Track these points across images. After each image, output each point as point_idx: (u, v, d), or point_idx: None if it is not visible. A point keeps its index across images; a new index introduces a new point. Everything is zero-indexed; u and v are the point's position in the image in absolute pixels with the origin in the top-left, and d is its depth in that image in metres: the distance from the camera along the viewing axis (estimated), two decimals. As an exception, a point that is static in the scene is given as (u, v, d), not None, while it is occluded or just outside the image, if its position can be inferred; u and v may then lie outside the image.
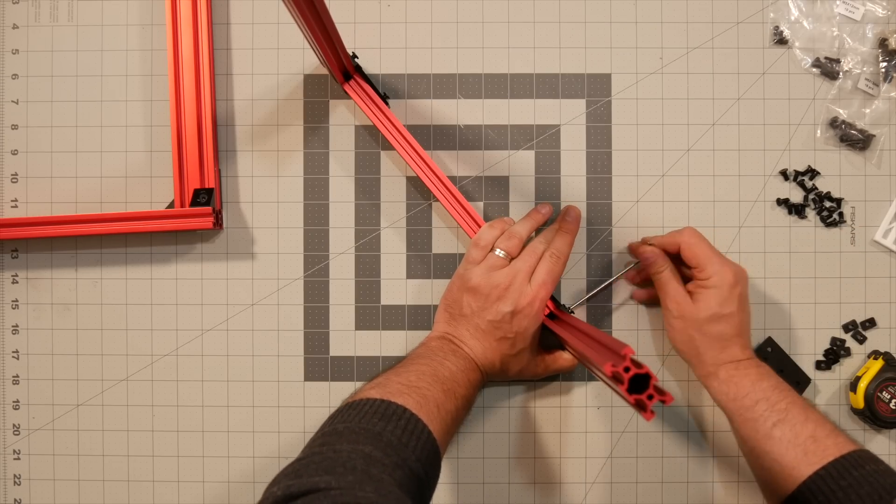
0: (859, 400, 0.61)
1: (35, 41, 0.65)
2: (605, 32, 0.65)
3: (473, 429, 0.64)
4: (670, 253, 0.59)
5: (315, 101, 0.65)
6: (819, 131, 0.64)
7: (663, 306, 0.59)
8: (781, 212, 0.64)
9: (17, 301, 0.65)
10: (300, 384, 0.65)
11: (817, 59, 0.64)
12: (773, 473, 0.51)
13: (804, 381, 0.63)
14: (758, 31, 0.65)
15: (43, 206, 0.65)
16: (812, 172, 0.64)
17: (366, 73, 0.63)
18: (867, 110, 0.64)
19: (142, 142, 0.65)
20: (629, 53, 0.65)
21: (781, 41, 0.65)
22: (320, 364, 0.65)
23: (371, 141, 0.65)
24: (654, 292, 0.60)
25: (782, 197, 0.64)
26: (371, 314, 0.65)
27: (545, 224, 0.62)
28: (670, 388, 0.64)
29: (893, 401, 0.60)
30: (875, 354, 0.63)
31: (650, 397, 0.44)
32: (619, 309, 0.65)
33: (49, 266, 0.65)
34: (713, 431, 0.64)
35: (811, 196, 0.64)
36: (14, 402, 0.65)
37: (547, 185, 0.65)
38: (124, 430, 0.65)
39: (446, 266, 0.65)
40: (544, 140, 0.65)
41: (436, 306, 0.64)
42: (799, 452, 0.50)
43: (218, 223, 0.63)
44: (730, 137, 0.65)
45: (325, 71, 0.65)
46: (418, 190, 0.65)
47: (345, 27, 0.64)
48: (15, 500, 0.65)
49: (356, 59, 0.63)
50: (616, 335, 0.64)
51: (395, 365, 0.56)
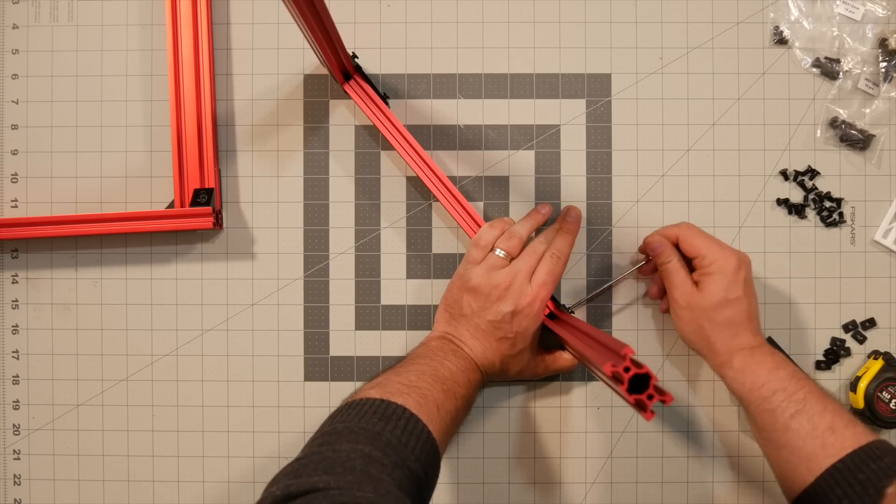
0: (859, 400, 0.61)
1: (35, 41, 0.65)
2: (605, 32, 0.65)
3: (473, 429, 0.64)
4: None
5: (315, 101, 0.65)
6: (819, 131, 0.64)
7: (670, 298, 0.58)
8: (781, 212, 0.64)
9: (17, 301, 0.65)
10: (300, 384, 0.65)
11: (817, 59, 0.64)
12: (791, 465, 0.51)
13: (804, 381, 0.63)
14: (758, 31, 0.65)
15: (43, 206, 0.65)
16: (812, 172, 0.64)
17: (366, 73, 0.63)
18: (867, 110, 0.64)
19: (142, 142, 0.65)
20: (629, 53, 0.65)
21: (781, 41, 0.64)
22: (320, 364, 0.65)
23: (371, 141, 0.65)
24: None
25: (782, 197, 0.64)
26: (371, 314, 0.65)
27: (545, 224, 0.62)
28: (670, 388, 0.64)
29: (893, 401, 0.60)
30: (875, 354, 0.63)
31: (650, 397, 0.44)
32: (620, 309, 0.65)
33: (49, 266, 0.65)
34: (713, 431, 0.64)
35: (811, 196, 0.64)
36: (14, 402, 0.65)
37: (547, 185, 0.65)
38: (124, 430, 0.65)
39: (446, 266, 0.65)
40: (544, 140, 0.65)
41: (436, 306, 0.64)
42: (817, 445, 0.50)
43: (218, 223, 0.63)
44: (730, 137, 0.65)
45: (325, 71, 0.65)
46: (418, 190, 0.65)
47: (345, 27, 0.64)
48: (15, 500, 0.65)
49: (356, 59, 0.63)
50: (616, 335, 0.64)
51: (394, 365, 0.55)
